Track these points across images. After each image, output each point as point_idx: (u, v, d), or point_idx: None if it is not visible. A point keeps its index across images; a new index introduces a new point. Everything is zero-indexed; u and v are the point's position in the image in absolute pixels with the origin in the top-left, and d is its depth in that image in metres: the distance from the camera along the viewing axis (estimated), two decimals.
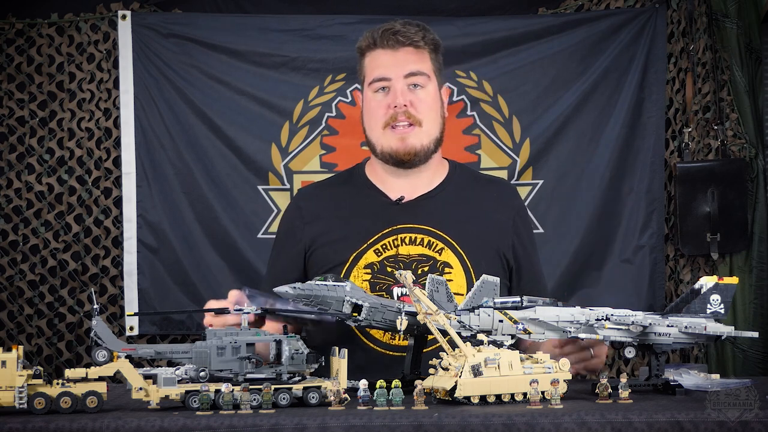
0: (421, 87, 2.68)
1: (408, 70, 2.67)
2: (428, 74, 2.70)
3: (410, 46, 2.68)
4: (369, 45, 2.70)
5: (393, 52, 2.67)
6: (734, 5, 4.08)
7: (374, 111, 2.67)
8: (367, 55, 2.71)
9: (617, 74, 4.15)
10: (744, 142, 4.11)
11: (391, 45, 2.66)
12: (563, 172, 4.17)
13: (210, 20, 4.17)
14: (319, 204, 2.75)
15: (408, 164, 2.68)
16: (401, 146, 2.65)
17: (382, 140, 2.67)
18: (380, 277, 2.62)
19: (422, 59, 2.70)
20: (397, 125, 2.65)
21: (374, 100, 2.68)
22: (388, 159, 2.69)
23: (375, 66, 2.68)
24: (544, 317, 2.17)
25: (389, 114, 2.65)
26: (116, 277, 4.13)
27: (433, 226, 2.67)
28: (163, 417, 1.85)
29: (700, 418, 1.84)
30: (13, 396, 1.91)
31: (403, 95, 2.65)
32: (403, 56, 2.67)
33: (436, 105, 2.72)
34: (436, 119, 2.71)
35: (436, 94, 2.72)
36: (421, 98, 2.67)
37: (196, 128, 4.12)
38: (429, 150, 2.69)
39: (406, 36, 2.67)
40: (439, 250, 2.65)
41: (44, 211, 4.13)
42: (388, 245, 2.64)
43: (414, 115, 2.66)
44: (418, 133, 2.67)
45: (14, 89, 4.14)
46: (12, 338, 4.08)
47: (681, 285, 4.15)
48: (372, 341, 2.61)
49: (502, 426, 1.83)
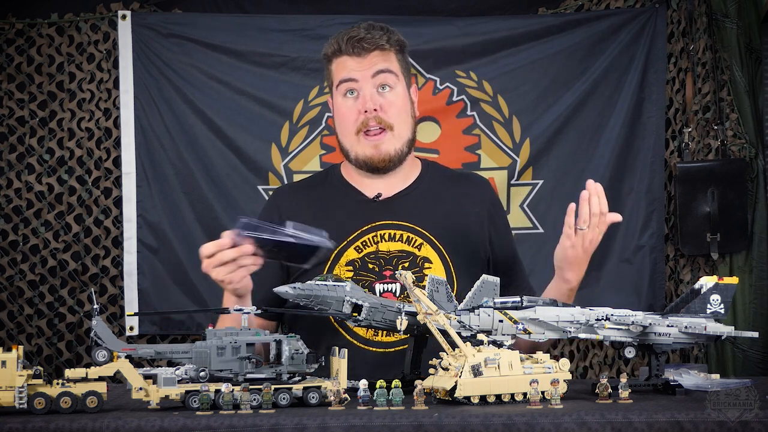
0: (390, 88, 2.68)
1: (375, 69, 2.67)
2: (396, 73, 2.70)
3: (376, 50, 2.68)
4: (335, 51, 2.70)
5: (359, 58, 2.67)
6: (734, 5, 4.08)
7: (345, 117, 2.69)
8: (334, 61, 2.71)
9: (617, 74, 4.15)
10: (744, 142, 4.11)
11: (357, 52, 2.66)
12: (563, 172, 4.17)
13: (210, 20, 4.17)
14: (297, 203, 2.77)
15: (382, 170, 2.70)
16: (375, 153, 2.67)
17: (356, 148, 2.69)
18: (362, 274, 2.63)
19: (389, 60, 2.70)
20: (369, 130, 2.66)
21: (344, 105, 2.69)
22: (363, 166, 2.70)
23: (341, 69, 2.69)
24: (544, 317, 2.17)
25: (360, 120, 2.66)
26: (116, 277, 4.13)
27: (411, 222, 2.69)
28: (163, 417, 1.85)
29: (700, 418, 1.84)
30: (13, 396, 1.91)
31: (373, 99, 2.65)
32: (370, 60, 2.67)
33: (406, 107, 2.72)
34: (406, 121, 2.71)
35: (405, 96, 2.72)
36: (390, 101, 2.67)
37: (196, 128, 4.12)
38: (403, 153, 2.71)
39: (371, 42, 2.66)
40: (419, 246, 2.67)
41: (44, 211, 4.13)
42: (368, 242, 2.66)
43: (384, 119, 2.66)
44: (390, 138, 2.67)
45: (14, 89, 4.14)
46: (12, 338, 4.08)
47: (681, 285, 4.15)
48: (354, 338, 2.62)
49: (502, 426, 1.83)
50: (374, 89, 2.66)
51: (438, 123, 4.14)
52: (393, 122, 2.67)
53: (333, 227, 2.65)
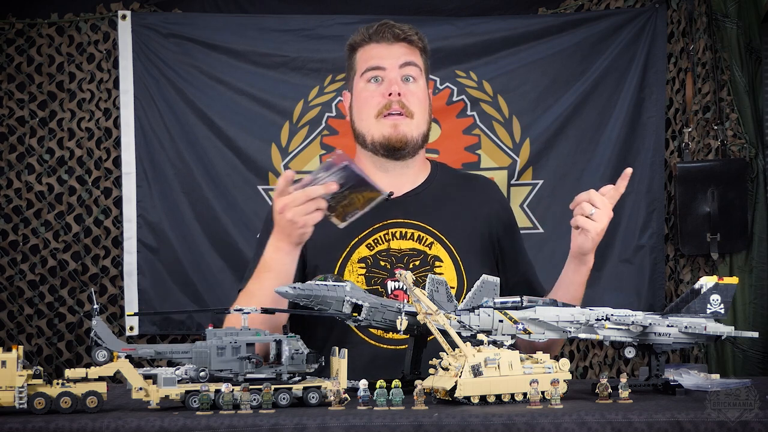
0: (414, 80, 2.74)
1: (403, 60, 2.73)
2: (420, 67, 2.77)
3: (404, 41, 2.75)
4: (363, 40, 2.77)
5: (388, 45, 2.75)
6: (734, 5, 4.08)
7: (367, 101, 2.72)
8: (360, 50, 2.77)
9: (617, 74, 4.15)
10: (744, 142, 4.11)
11: (386, 39, 2.74)
12: (563, 172, 4.17)
13: (210, 20, 4.17)
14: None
15: (398, 154, 2.71)
16: (393, 133, 2.70)
17: (373, 129, 2.71)
18: (374, 271, 2.65)
19: (415, 55, 2.77)
20: (390, 113, 2.68)
21: (366, 90, 2.73)
22: (379, 149, 2.72)
23: (369, 57, 2.76)
24: (544, 317, 2.17)
25: (383, 103, 2.70)
26: (116, 277, 4.13)
27: (422, 221, 2.72)
28: (163, 417, 1.85)
29: (700, 418, 1.84)
30: (13, 396, 1.91)
31: (398, 85, 2.70)
32: (398, 49, 2.74)
33: (425, 101, 2.78)
34: (425, 114, 2.77)
35: (425, 91, 2.79)
36: (413, 91, 2.73)
37: (196, 128, 4.12)
38: (417, 143, 2.74)
39: (402, 30, 2.75)
40: (429, 245, 2.69)
41: (44, 211, 4.13)
42: (380, 239, 2.68)
43: (407, 105, 2.71)
44: (409, 123, 2.72)
45: (14, 89, 4.14)
46: (12, 338, 4.08)
47: (681, 285, 4.15)
48: (367, 335, 2.63)
49: (502, 426, 1.83)
50: (399, 78, 2.72)
51: (438, 123, 4.14)
52: (414, 110, 2.72)
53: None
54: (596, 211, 2.53)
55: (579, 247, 2.58)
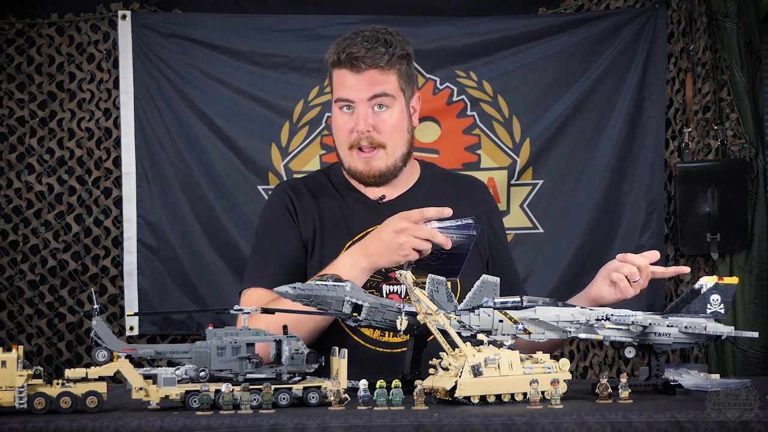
0: (386, 107, 2.66)
1: (372, 93, 2.64)
2: (393, 95, 2.67)
3: (374, 68, 2.64)
4: (334, 62, 2.67)
5: (357, 75, 2.63)
6: (734, 5, 4.08)
7: (340, 129, 2.69)
8: (334, 72, 2.69)
9: (617, 74, 4.15)
10: (744, 142, 4.11)
11: (355, 68, 2.63)
12: (563, 172, 4.17)
13: (210, 20, 4.17)
14: (306, 200, 2.76)
15: (374, 184, 2.70)
16: (366, 169, 2.67)
17: (348, 160, 2.69)
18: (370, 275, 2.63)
19: (387, 80, 2.66)
20: (361, 149, 2.66)
21: (340, 118, 2.69)
22: (355, 177, 2.72)
23: (340, 86, 2.67)
24: (544, 317, 2.17)
25: (353, 137, 2.66)
26: (116, 277, 4.13)
27: None
28: (163, 417, 1.85)
29: (700, 418, 1.84)
30: (13, 396, 1.91)
31: (365, 120, 2.63)
32: (367, 79, 2.63)
33: (402, 124, 2.70)
34: (401, 138, 2.70)
35: (401, 113, 2.69)
36: (384, 120, 2.65)
37: (196, 128, 4.12)
38: (396, 168, 2.70)
39: (370, 61, 2.62)
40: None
41: (44, 211, 4.13)
42: None
43: (377, 139, 2.65)
44: (382, 156, 2.67)
45: (14, 89, 4.14)
46: (12, 338, 4.08)
47: (681, 285, 4.15)
48: (362, 338, 2.62)
49: (502, 426, 1.82)
50: (369, 109, 2.64)
51: (438, 123, 4.14)
52: (386, 141, 2.66)
53: (340, 226, 2.66)
54: (639, 280, 2.52)
55: (602, 297, 2.55)
